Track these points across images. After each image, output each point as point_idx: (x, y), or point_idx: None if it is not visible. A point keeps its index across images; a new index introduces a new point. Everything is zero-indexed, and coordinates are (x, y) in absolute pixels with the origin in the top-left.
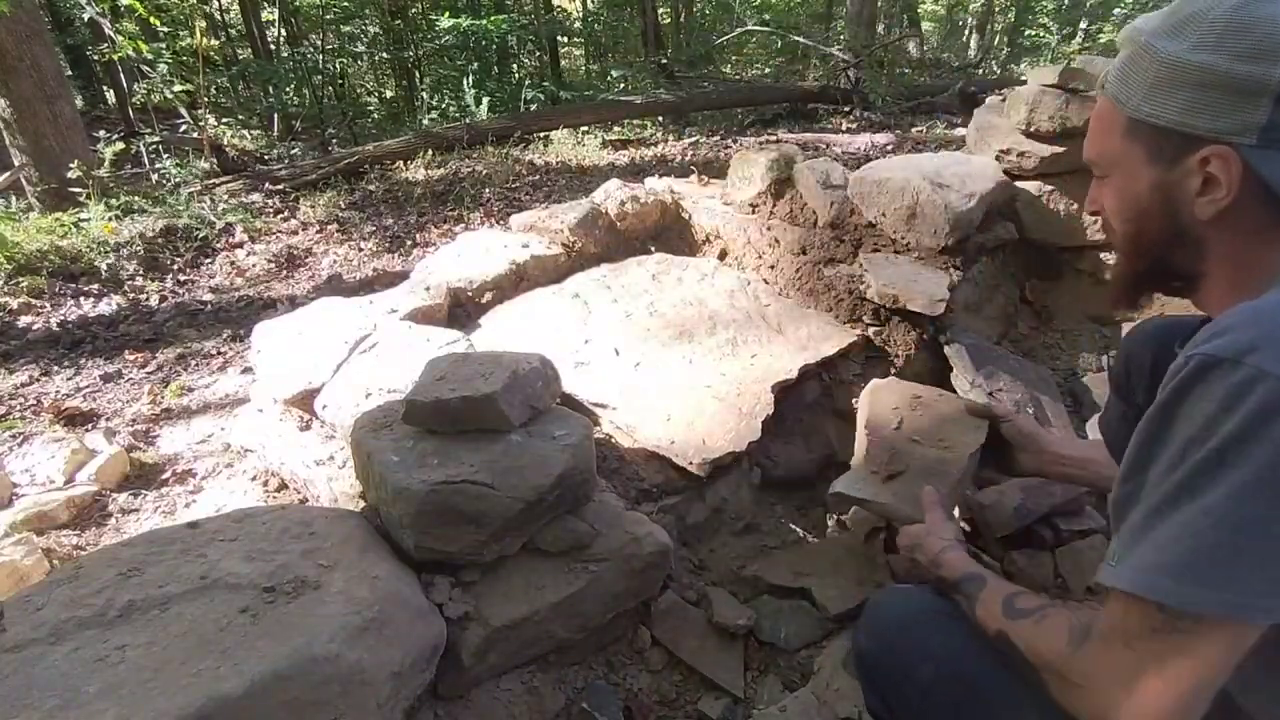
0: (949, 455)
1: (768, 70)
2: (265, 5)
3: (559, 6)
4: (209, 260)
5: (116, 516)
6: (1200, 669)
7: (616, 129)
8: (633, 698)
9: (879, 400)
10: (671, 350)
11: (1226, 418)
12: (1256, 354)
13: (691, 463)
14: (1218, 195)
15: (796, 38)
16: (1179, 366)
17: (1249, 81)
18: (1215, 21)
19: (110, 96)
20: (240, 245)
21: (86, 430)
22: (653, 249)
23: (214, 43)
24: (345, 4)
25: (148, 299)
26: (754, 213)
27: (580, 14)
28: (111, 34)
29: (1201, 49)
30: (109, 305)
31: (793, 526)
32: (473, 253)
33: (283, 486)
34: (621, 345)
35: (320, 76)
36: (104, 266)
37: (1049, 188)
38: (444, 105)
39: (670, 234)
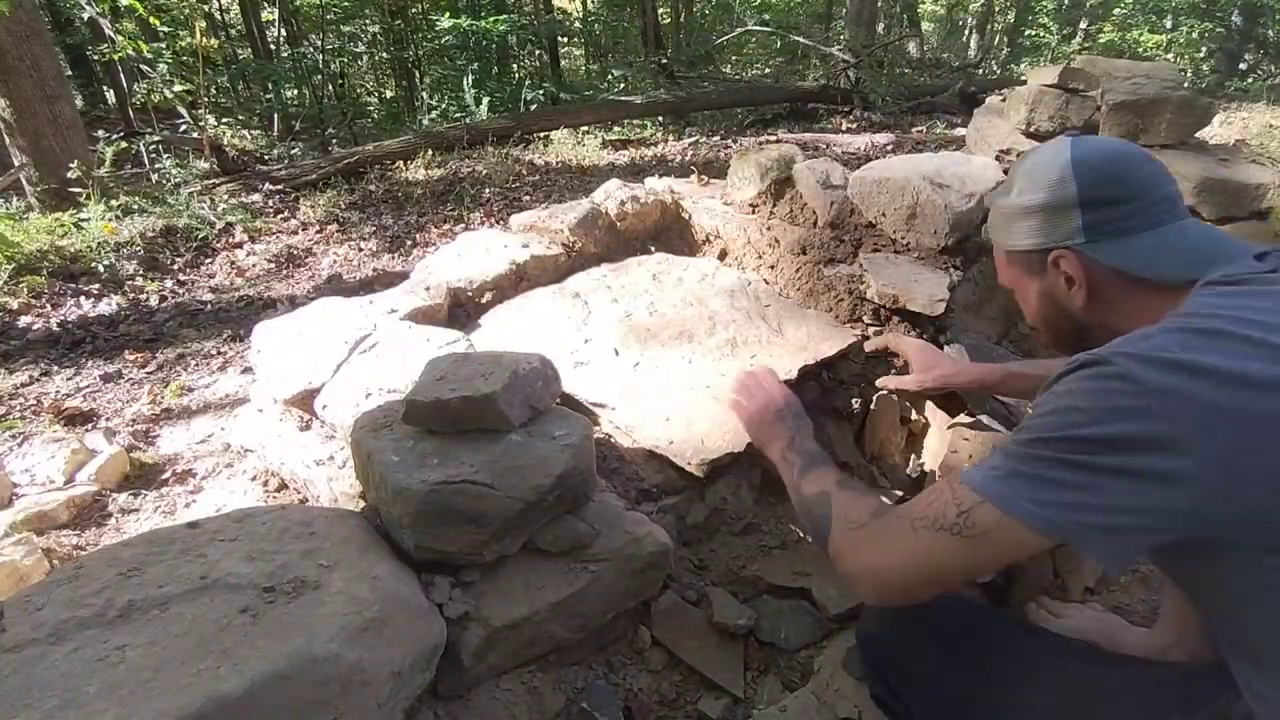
0: None
1: (768, 70)
2: (265, 5)
3: (559, 6)
4: (209, 260)
5: (116, 516)
6: (958, 558)
7: (616, 129)
8: (633, 698)
9: (958, 445)
10: (671, 350)
11: (1097, 400)
12: (1119, 356)
13: (690, 463)
14: (1075, 288)
15: (796, 38)
16: (1071, 363)
17: (1057, 203)
18: (1019, 174)
19: (110, 96)
20: (240, 245)
21: (86, 430)
22: (653, 249)
23: (214, 43)
24: (345, 4)
25: (148, 299)
26: (754, 213)
27: (580, 14)
28: (111, 34)
29: (1020, 194)
30: (109, 305)
31: (793, 526)
32: (473, 253)
33: (283, 486)
34: (621, 345)
35: (320, 76)
36: (104, 266)
37: None
38: (444, 105)
39: (670, 234)
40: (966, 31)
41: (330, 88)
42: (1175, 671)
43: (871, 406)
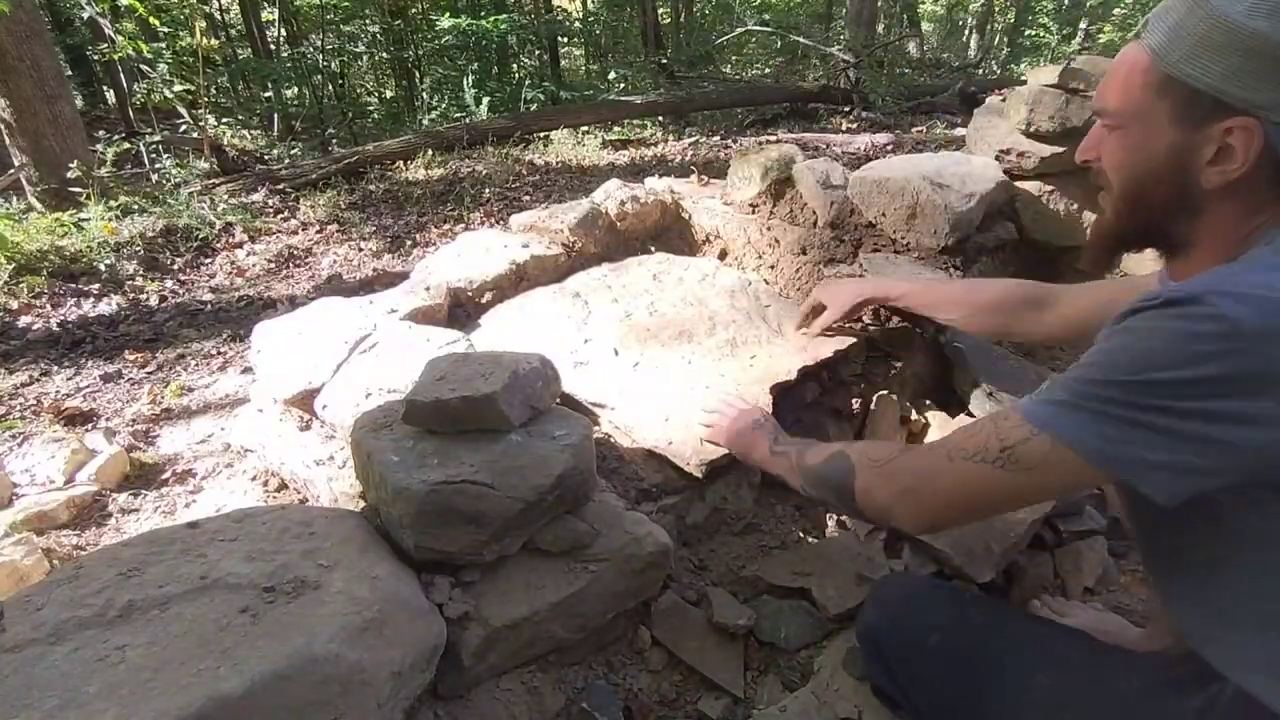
0: (1012, 517)
1: (768, 70)
2: (265, 5)
3: (559, 6)
4: (209, 260)
5: (116, 516)
6: (1003, 490)
7: (616, 129)
8: (633, 698)
9: None
10: (671, 350)
11: (1184, 344)
12: (1214, 295)
13: (689, 463)
14: (1230, 166)
15: (796, 38)
16: (1150, 299)
17: None
18: None
19: (110, 96)
20: (240, 245)
21: (86, 430)
22: (653, 249)
23: (214, 43)
24: (345, 4)
25: (148, 299)
26: (754, 213)
27: (580, 14)
28: (111, 34)
29: (1257, 15)
30: (109, 305)
31: (793, 526)
32: (473, 253)
33: (283, 486)
34: (621, 345)
35: (320, 76)
36: (104, 266)
37: (1049, 188)
38: (444, 105)
39: (670, 234)
40: (966, 31)
41: (330, 88)
42: (1172, 658)
43: (871, 407)
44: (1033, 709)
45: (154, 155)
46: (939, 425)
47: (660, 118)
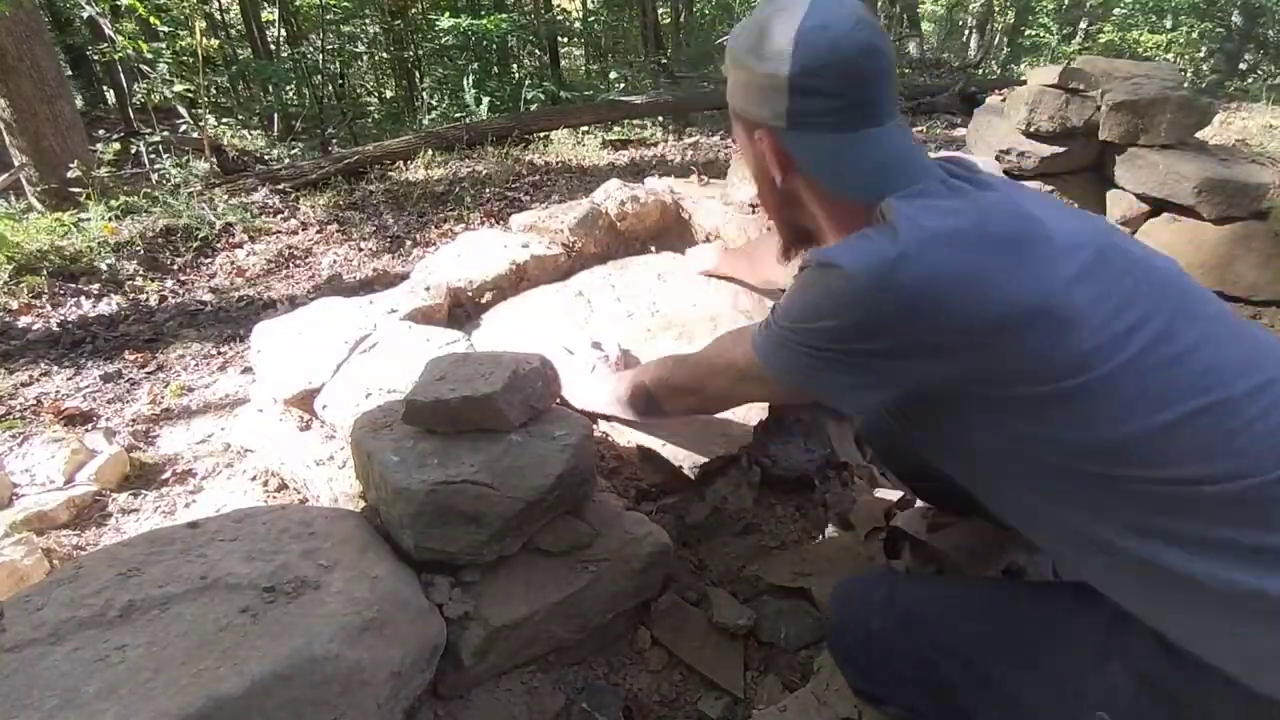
0: None
1: None
2: (265, 5)
3: (559, 6)
4: (209, 260)
5: (116, 516)
6: (749, 396)
7: (616, 129)
8: (633, 698)
9: None
10: (672, 351)
11: (823, 300)
12: (842, 258)
13: (683, 464)
14: (775, 166)
15: None
16: (812, 258)
17: (770, 79)
18: (754, 26)
19: (110, 96)
20: (240, 245)
21: (86, 430)
22: (653, 249)
23: (214, 43)
24: (345, 4)
25: (148, 299)
26: (754, 213)
27: (580, 14)
28: (111, 34)
29: (748, 53)
30: (109, 305)
31: (793, 526)
32: (473, 253)
33: (283, 486)
34: (621, 345)
35: (320, 76)
36: (104, 266)
37: (1049, 188)
38: (444, 105)
39: (670, 234)
40: (966, 31)
41: (330, 88)
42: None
43: None
44: (972, 654)
45: (154, 155)
46: None
47: (660, 118)
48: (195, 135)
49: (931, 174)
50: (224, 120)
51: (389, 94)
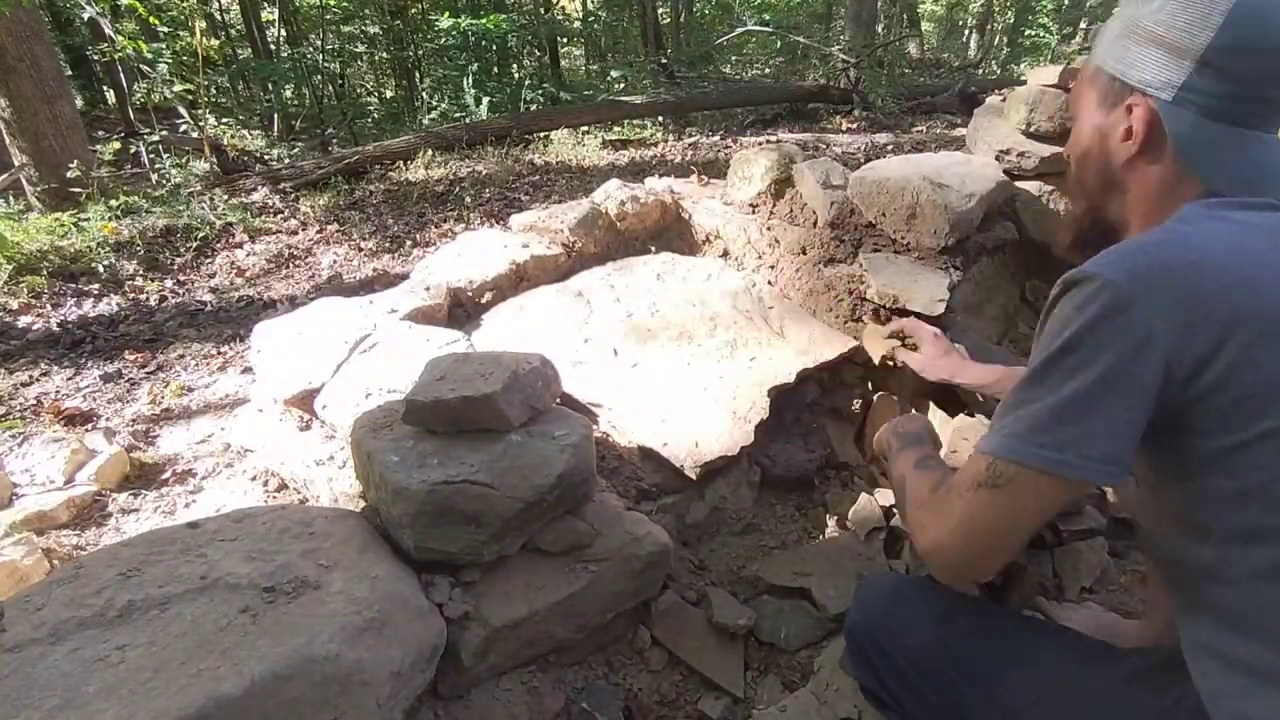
0: None
1: (768, 70)
2: (265, 5)
3: (559, 6)
4: (209, 260)
5: (116, 516)
6: (1001, 514)
7: (616, 129)
8: (633, 698)
9: (957, 445)
10: (671, 351)
11: (1077, 316)
12: (1105, 268)
13: (684, 464)
14: (1130, 142)
15: (796, 38)
16: (1054, 289)
17: (1179, 43)
18: None
19: (110, 96)
20: (240, 245)
21: (86, 430)
22: (653, 249)
23: (214, 43)
24: (345, 4)
25: (148, 299)
26: (754, 213)
27: (580, 14)
28: (111, 34)
29: (1160, 12)
30: (109, 305)
31: (793, 526)
32: (473, 253)
33: (283, 486)
34: (621, 346)
35: (320, 76)
36: (104, 266)
37: (1049, 188)
38: (444, 105)
39: (670, 234)
40: (966, 31)
41: (330, 88)
42: (1151, 652)
43: (872, 407)
44: (1007, 706)
45: (154, 155)
46: (939, 424)
47: (660, 118)
48: (195, 135)
49: None
50: (224, 120)
51: (389, 94)
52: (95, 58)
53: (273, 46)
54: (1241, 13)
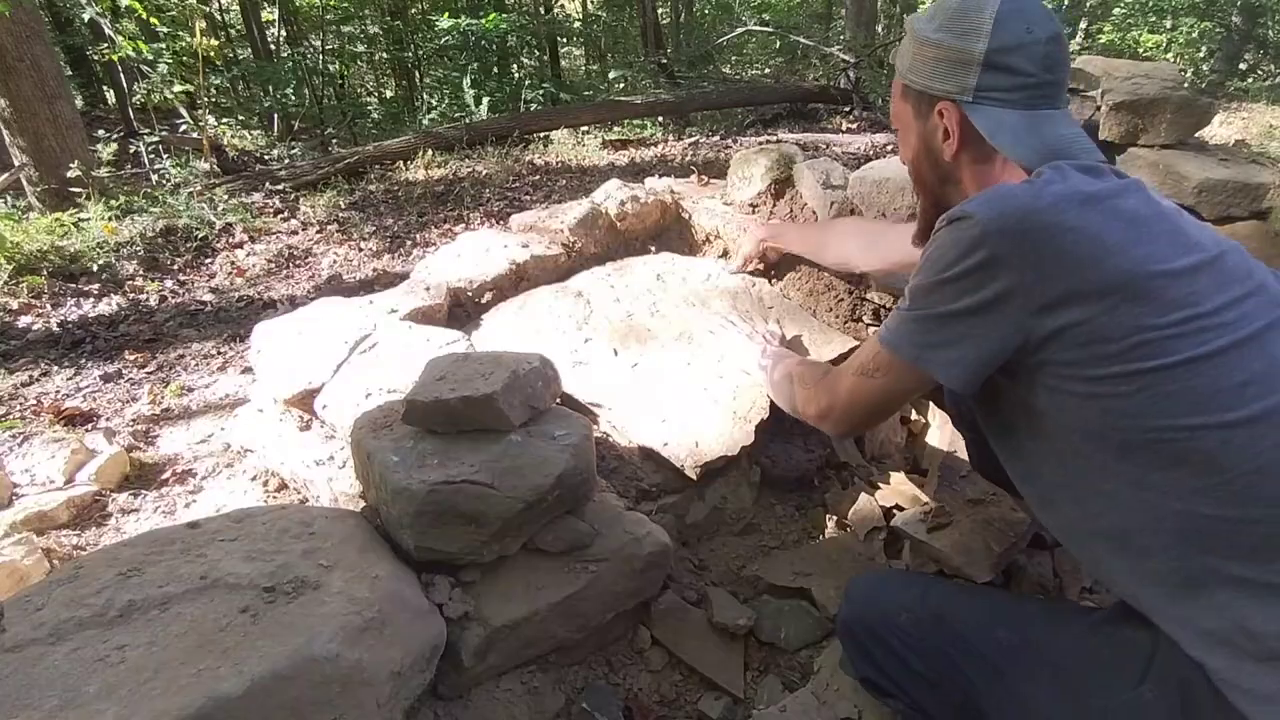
0: (1012, 516)
1: (768, 70)
2: (265, 5)
3: (559, 6)
4: (209, 260)
5: (116, 516)
6: (875, 393)
7: (616, 129)
8: (633, 698)
9: (958, 445)
10: (671, 351)
11: (953, 249)
12: (980, 208)
13: (684, 464)
14: (949, 140)
15: (796, 38)
16: (943, 216)
17: (962, 55)
18: (948, 8)
19: (110, 96)
20: (240, 245)
21: (86, 430)
22: (653, 249)
23: (214, 43)
24: (345, 4)
25: (148, 299)
26: (754, 213)
27: (580, 14)
28: (111, 34)
29: (939, 30)
30: (109, 305)
31: (792, 527)
32: (473, 253)
33: (283, 486)
34: (621, 346)
35: (320, 77)
36: (104, 266)
37: None
38: (444, 105)
39: (670, 234)
40: None
41: (330, 88)
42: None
43: None
44: (999, 661)
45: (153, 155)
46: (940, 424)
47: (660, 118)
48: (195, 135)
49: (1094, 156)
50: (224, 120)
51: (389, 94)
52: (95, 58)
53: (273, 46)
54: (1004, 16)
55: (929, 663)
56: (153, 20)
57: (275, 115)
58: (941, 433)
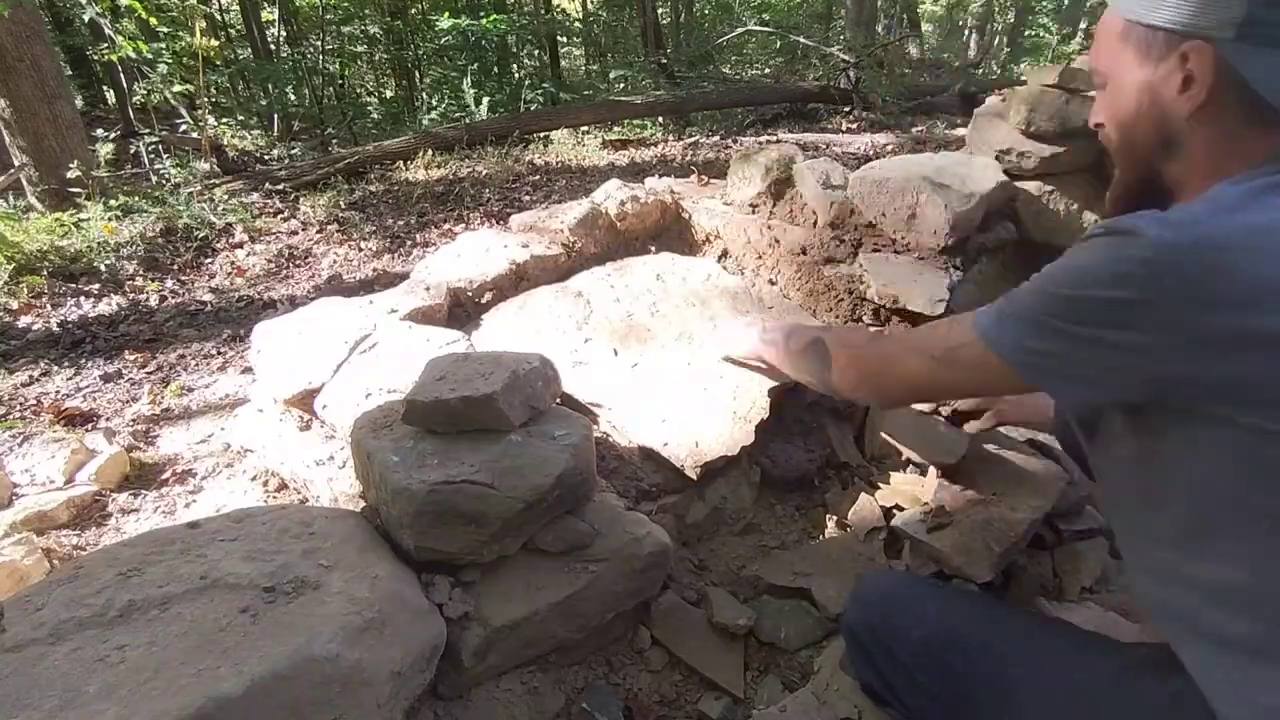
0: (1012, 516)
1: (768, 70)
2: (265, 5)
3: (559, 6)
4: (209, 260)
5: (116, 516)
6: (942, 383)
7: (616, 129)
8: (633, 698)
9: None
10: (671, 351)
11: (1105, 267)
12: (1156, 231)
13: (685, 464)
14: (1194, 90)
15: (796, 38)
16: (1101, 226)
17: None
18: None
19: (110, 96)
20: (240, 245)
21: (86, 430)
22: (653, 249)
23: (214, 43)
24: (345, 4)
25: (148, 299)
26: (754, 213)
27: (580, 14)
28: (111, 34)
29: None
30: (109, 305)
31: (792, 526)
32: (473, 253)
33: (283, 486)
34: (621, 346)
35: (320, 77)
36: (104, 266)
37: (1049, 188)
38: (444, 105)
39: (670, 234)
40: (966, 32)
41: (330, 88)
42: (1151, 646)
43: (871, 406)
44: (1010, 694)
45: (153, 155)
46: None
47: (660, 118)
48: (195, 135)
49: None
50: (224, 120)
51: (389, 94)
52: (95, 58)
53: (273, 46)
54: None
55: (935, 679)
56: (153, 20)
57: (275, 115)
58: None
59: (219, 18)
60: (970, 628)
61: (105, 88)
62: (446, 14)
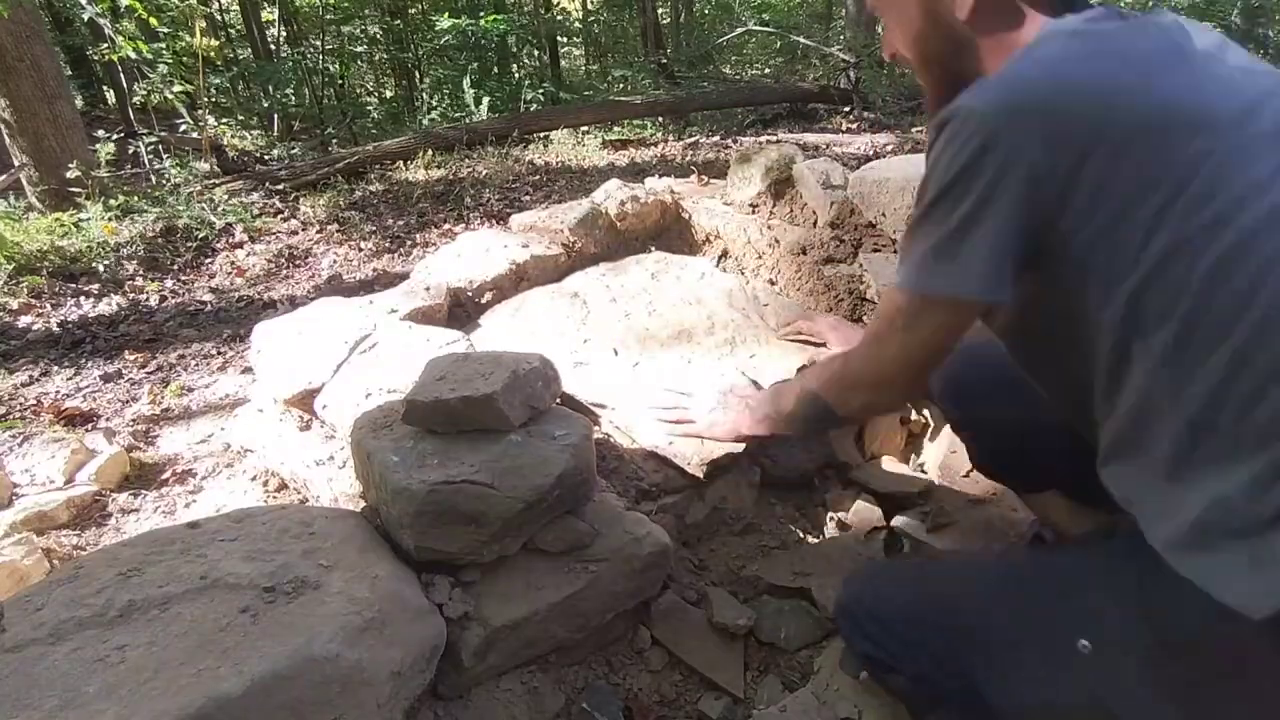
0: (1012, 517)
1: (768, 70)
2: (265, 5)
3: (559, 6)
4: (209, 260)
5: (116, 516)
6: (925, 337)
7: (616, 129)
8: (633, 698)
9: (958, 445)
10: (670, 350)
11: (949, 150)
12: (971, 99)
13: (690, 463)
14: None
15: (796, 38)
16: (929, 133)
17: None
18: None
19: (110, 96)
20: (240, 245)
21: (86, 430)
22: (653, 249)
23: (214, 43)
24: (345, 4)
25: (148, 299)
26: (754, 213)
27: (580, 14)
28: (111, 34)
29: None
30: (109, 305)
31: (792, 526)
32: (473, 253)
33: (283, 486)
34: (620, 345)
35: (320, 77)
36: (104, 266)
37: None
38: (444, 105)
39: (670, 234)
40: None
41: (330, 88)
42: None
43: None
44: (997, 617)
45: (153, 155)
46: (939, 422)
47: (660, 118)
48: (195, 135)
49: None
50: (224, 120)
51: (389, 94)
52: (95, 58)
53: (273, 47)
54: None
55: (929, 635)
56: (152, 20)
57: (275, 115)
58: (942, 433)
59: (219, 18)
60: (946, 581)
61: (105, 88)
62: (446, 14)
